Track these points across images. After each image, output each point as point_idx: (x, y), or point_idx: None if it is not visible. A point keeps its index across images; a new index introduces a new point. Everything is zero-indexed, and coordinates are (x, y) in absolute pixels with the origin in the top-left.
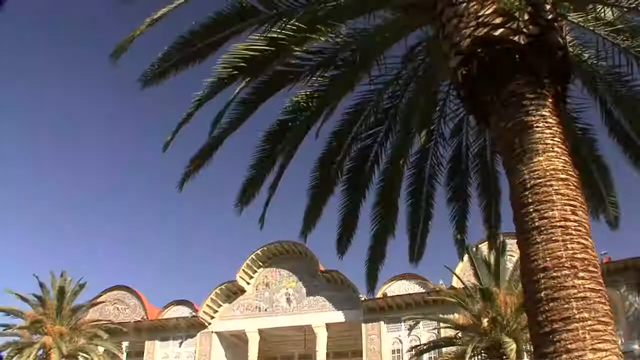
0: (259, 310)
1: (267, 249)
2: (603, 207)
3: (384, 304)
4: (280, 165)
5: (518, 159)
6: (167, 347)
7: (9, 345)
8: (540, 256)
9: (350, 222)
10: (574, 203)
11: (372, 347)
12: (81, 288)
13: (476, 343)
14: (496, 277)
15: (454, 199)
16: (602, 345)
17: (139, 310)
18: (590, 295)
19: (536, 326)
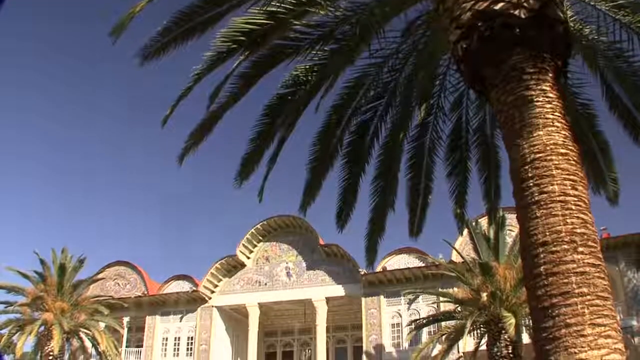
0: (259, 284)
1: (267, 223)
2: (603, 183)
3: (383, 278)
4: (280, 139)
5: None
6: (167, 322)
7: (10, 322)
8: (539, 230)
9: (349, 196)
10: (573, 178)
11: (372, 321)
12: (81, 264)
13: (475, 317)
14: (495, 251)
15: (454, 173)
16: (601, 320)
17: (139, 285)
18: (589, 270)
19: (535, 301)
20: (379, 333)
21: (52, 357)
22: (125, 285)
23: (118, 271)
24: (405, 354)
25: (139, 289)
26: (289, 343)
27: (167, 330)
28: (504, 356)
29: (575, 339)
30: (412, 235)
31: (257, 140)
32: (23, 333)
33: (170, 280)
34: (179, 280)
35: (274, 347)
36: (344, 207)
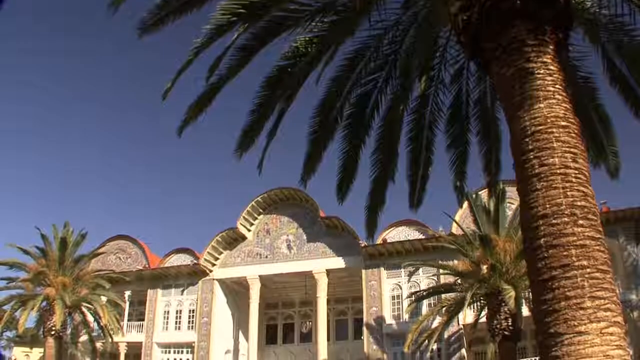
0: (260, 257)
1: (267, 196)
2: (603, 156)
3: (384, 250)
4: (280, 112)
5: (519, 105)
6: (169, 295)
7: (12, 298)
8: (540, 203)
9: (349, 168)
10: (574, 150)
11: (372, 293)
12: (83, 238)
13: (475, 290)
14: (495, 224)
15: (454, 145)
16: (601, 293)
17: (140, 259)
18: (589, 243)
19: (535, 273)
20: (379, 305)
21: (54, 332)
22: (126, 259)
23: (119, 245)
24: (405, 325)
25: (140, 263)
26: (290, 315)
27: (169, 304)
28: (504, 328)
29: (575, 311)
30: (412, 207)
31: (256, 112)
32: (25, 309)
33: (171, 254)
34: (179, 253)
35: (275, 319)
36: (344, 179)
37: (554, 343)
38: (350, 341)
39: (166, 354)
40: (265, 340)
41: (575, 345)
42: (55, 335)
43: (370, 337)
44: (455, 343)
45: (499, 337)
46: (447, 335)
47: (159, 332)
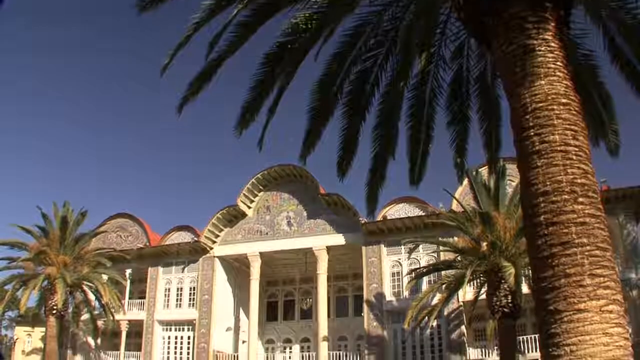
0: (260, 234)
1: (267, 173)
2: (604, 135)
3: (384, 227)
4: (280, 88)
5: (519, 82)
6: (169, 273)
7: (14, 278)
8: (540, 180)
9: (350, 145)
10: (574, 128)
11: (372, 270)
12: (83, 217)
13: (475, 267)
14: (495, 201)
15: (454, 122)
16: (601, 271)
17: (141, 237)
18: (589, 220)
19: (535, 250)
20: (379, 282)
21: (55, 311)
22: (127, 237)
23: (120, 223)
24: (405, 302)
25: (141, 241)
26: (290, 292)
27: (170, 281)
28: (504, 306)
29: (575, 288)
30: (412, 184)
31: (256, 89)
32: (27, 288)
33: (172, 232)
34: (180, 231)
35: (276, 296)
36: (344, 156)
37: (554, 320)
38: (351, 318)
39: (167, 331)
40: (266, 317)
41: (575, 323)
42: (56, 314)
43: (370, 313)
44: (455, 320)
45: (498, 314)
46: (447, 312)
47: (160, 310)
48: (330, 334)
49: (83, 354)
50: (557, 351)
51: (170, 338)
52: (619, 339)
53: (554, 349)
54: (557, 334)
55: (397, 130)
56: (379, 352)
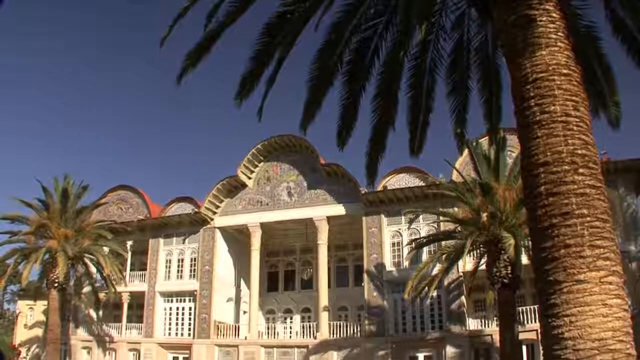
0: (261, 204)
1: (267, 143)
2: (604, 106)
3: (384, 197)
4: (279, 58)
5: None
6: (170, 244)
7: (15, 252)
8: (540, 150)
9: (349, 115)
10: (575, 99)
11: (373, 240)
12: (84, 190)
13: (475, 237)
14: (496, 172)
15: (454, 92)
16: (600, 242)
17: (142, 209)
18: (589, 191)
19: (535, 221)
20: (379, 252)
21: (57, 284)
22: (127, 209)
23: (120, 195)
24: (405, 272)
25: (142, 213)
26: (291, 262)
27: (170, 253)
28: (503, 276)
29: (575, 259)
30: (412, 154)
31: (256, 59)
32: (28, 262)
33: (172, 203)
34: (180, 202)
35: (276, 266)
36: (344, 126)
37: (553, 291)
38: (351, 288)
39: (169, 302)
40: (266, 288)
41: (574, 294)
42: (58, 288)
43: (370, 283)
44: (455, 290)
45: (498, 285)
46: (447, 282)
47: (161, 281)
48: (331, 304)
49: (85, 326)
50: (557, 322)
51: (172, 309)
52: (618, 310)
53: (553, 320)
54: (556, 305)
55: (397, 100)
56: (379, 322)
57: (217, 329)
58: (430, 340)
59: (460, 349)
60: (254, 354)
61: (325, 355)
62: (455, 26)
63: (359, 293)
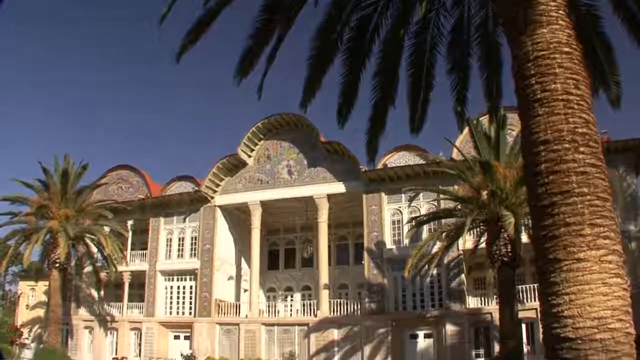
0: (261, 182)
1: (267, 122)
2: (605, 85)
3: (384, 175)
4: (279, 36)
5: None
6: (171, 223)
7: (16, 233)
8: (541, 129)
9: (350, 92)
10: (576, 77)
11: (373, 218)
12: (84, 170)
13: (475, 215)
14: (496, 150)
15: (455, 70)
16: (600, 220)
17: (142, 188)
18: (590, 170)
19: (535, 199)
20: (380, 230)
21: (58, 264)
22: (128, 188)
23: (120, 175)
24: (405, 250)
25: (142, 192)
26: (291, 241)
27: (171, 232)
28: (503, 255)
29: (574, 238)
30: (412, 131)
31: (255, 37)
32: (29, 243)
33: (173, 182)
34: (181, 181)
35: (277, 245)
36: (344, 104)
37: (553, 269)
38: (351, 266)
39: (169, 281)
40: (267, 266)
41: (574, 272)
42: (59, 268)
43: (370, 261)
44: (455, 268)
45: (498, 263)
46: (447, 260)
47: (162, 260)
48: (331, 282)
49: (86, 306)
50: (556, 300)
51: (173, 288)
52: (617, 289)
53: (553, 298)
54: (556, 283)
55: (397, 78)
56: (380, 300)
57: (218, 308)
58: (430, 318)
59: (459, 327)
60: (254, 332)
61: (326, 333)
62: (456, 3)
63: (359, 271)
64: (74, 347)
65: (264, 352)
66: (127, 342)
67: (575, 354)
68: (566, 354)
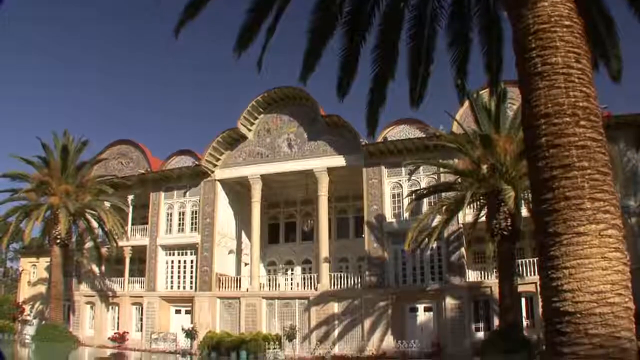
0: (261, 156)
1: (267, 95)
2: (606, 60)
3: (384, 148)
4: (278, 8)
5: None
6: (171, 198)
7: (17, 209)
8: (541, 102)
9: (350, 65)
10: (577, 51)
11: (373, 192)
12: (84, 145)
13: (475, 189)
14: (496, 123)
15: (455, 43)
16: (601, 195)
17: (142, 163)
18: (590, 144)
19: (535, 172)
20: (380, 203)
21: (59, 240)
22: (128, 163)
23: (120, 150)
24: (405, 224)
25: (142, 167)
26: (292, 214)
27: (171, 206)
28: (503, 228)
29: (575, 212)
30: (412, 105)
31: (255, 10)
32: (30, 219)
33: (173, 156)
34: (181, 155)
35: (277, 218)
36: (344, 77)
37: (553, 243)
38: (352, 239)
39: (170, 255)
40: (267, 240)
41: (574, 246)
42: (60, 244)
43: (371, 235)
44: (455, 242)
45: (497, 236)
46: (447, 234)
47: (162, 235)
48: (331, 256)
49: (88, 281)
50: (556, 274)
51: (174, 262)
52: (617, 264)
53: (552, 272)
54: (556, 257)
55: (397, 51)
56: (380, 273)
57: (219, 282)
58: (430, 292)
59: (459, 301)
60: (255, 305)
61: (326, 307)
62: None
63: (359, 244)
64: (75, 323)
65: (264, 326)
66: (129, 317)
67: (574, 328)
68: (565, 327)
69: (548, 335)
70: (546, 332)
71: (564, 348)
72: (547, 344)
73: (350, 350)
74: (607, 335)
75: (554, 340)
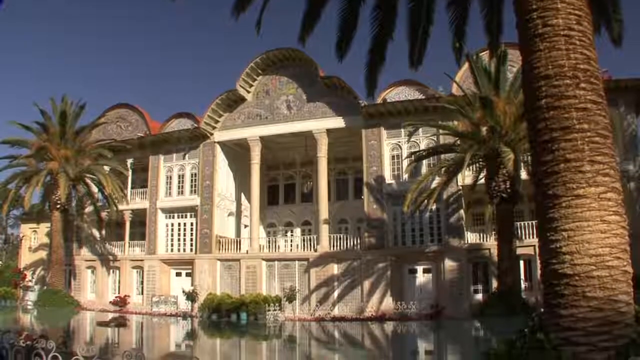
0: (260, 118)
1: (266, 56)
2: (607, 23)
3: (383, 109)
4: None
5: None
6: (171, 161)
7: (17, 176)
8: (542, 64)
9: (349, 25)
10: (579, 13)
11: (372, 153)
12: (82, 110)
13: (474, 151)
14: (496, 86)
15: (454, 4)
16: (600, 157)
17: (141, 126)
18: (590, 106)
19: (535, 134)
20: (379, 165)
21: (59, 206)
22: (127, 127)
23: (119, 114)
24: (405, 185)
25: (141, 130)
26: (291, 176)
27: (171, 169)
28: (502, 191)
29: (574, 174)
30: (412, 66)
31: None
32: (29, 185)
33: (172, 119)
34: (180, 118)
35: (276, 180)
36: (343, 37)
37: (552, 205)
38: (351, 200)
39: (170, 218)
40: (267, 201)
41: (573, 209)
42: (60, 209)
43: (370, 196)
44: (454, 204)
45: (497, 199)
46: (446, 195)
47: (162, 198)
48: (331, 217)
49: (89, 246)
50: (555, 236)
51: (174, 225)
52: (616, 227)
53: (551, 234)
54: (555, 219)
55: (396, 11)
56: (379, 235)
57: (219, 244)
58: (429, 253)
59: (458, 262)
60: (255, 267)
61: (326, 268)
62: None
63: (358, 206)
64: (77, 288)
65: (264, 287)
66: (130, 281)
67: (572, 291)
68: (564, 290)
69: (546, 298)
70: (544, 295)
71: (562, 310)
72: (546, 306)
73: (350, 312)
74: (605, 298)
75: (552, 302)
